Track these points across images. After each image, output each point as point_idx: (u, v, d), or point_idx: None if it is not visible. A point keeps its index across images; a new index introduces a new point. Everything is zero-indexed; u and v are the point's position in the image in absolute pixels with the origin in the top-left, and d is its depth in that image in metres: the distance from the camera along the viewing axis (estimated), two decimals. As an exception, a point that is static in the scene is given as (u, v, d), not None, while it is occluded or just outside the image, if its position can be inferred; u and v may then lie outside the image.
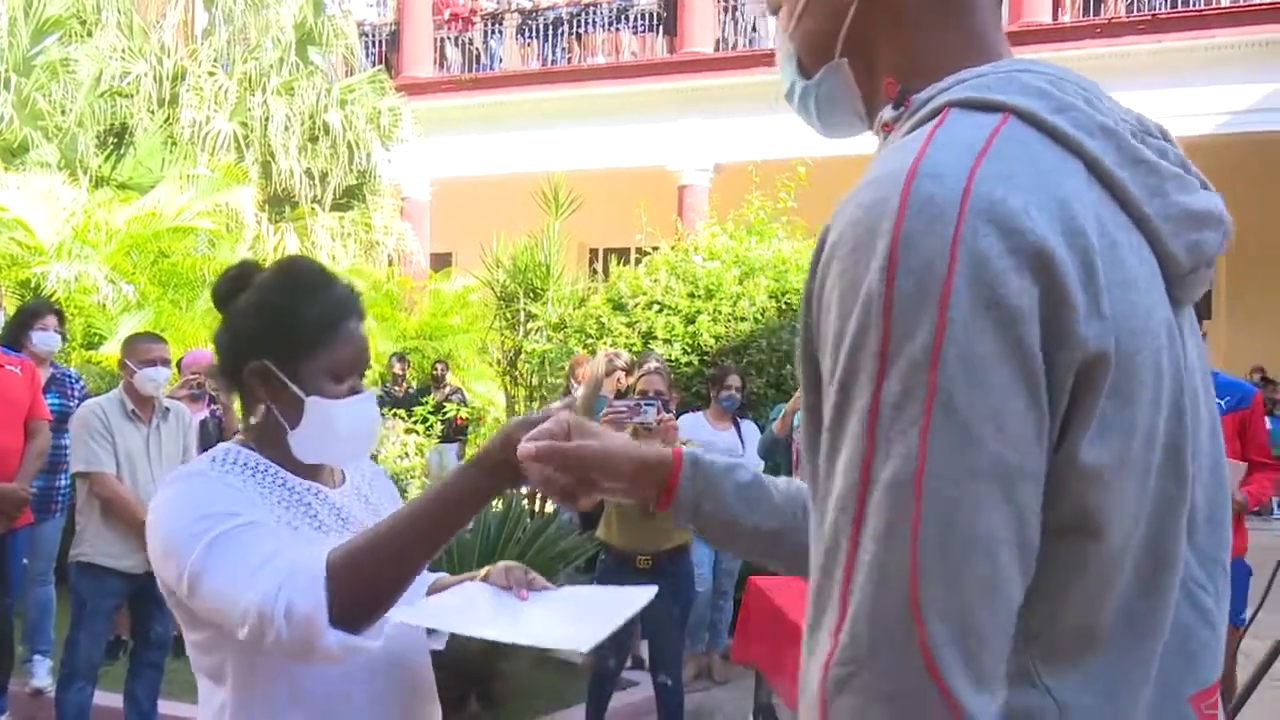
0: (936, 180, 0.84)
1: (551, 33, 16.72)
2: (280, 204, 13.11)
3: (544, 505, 7.16)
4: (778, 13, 1.11)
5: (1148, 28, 13.60)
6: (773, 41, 14.23)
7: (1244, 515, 4.71)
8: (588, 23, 16.54)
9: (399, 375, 11.29)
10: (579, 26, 16.58)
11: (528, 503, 6.48)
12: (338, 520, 1.61)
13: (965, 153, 0.85)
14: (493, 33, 17.19)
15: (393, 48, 17.44)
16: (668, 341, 7.40)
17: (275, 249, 12.20)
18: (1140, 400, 0.87)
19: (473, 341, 12.34)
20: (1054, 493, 0.85)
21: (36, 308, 5.83)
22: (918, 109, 0.95)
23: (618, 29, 16.36)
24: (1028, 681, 0.87)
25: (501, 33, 17.10)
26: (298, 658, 1.39)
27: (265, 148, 12.73)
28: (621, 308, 7.90)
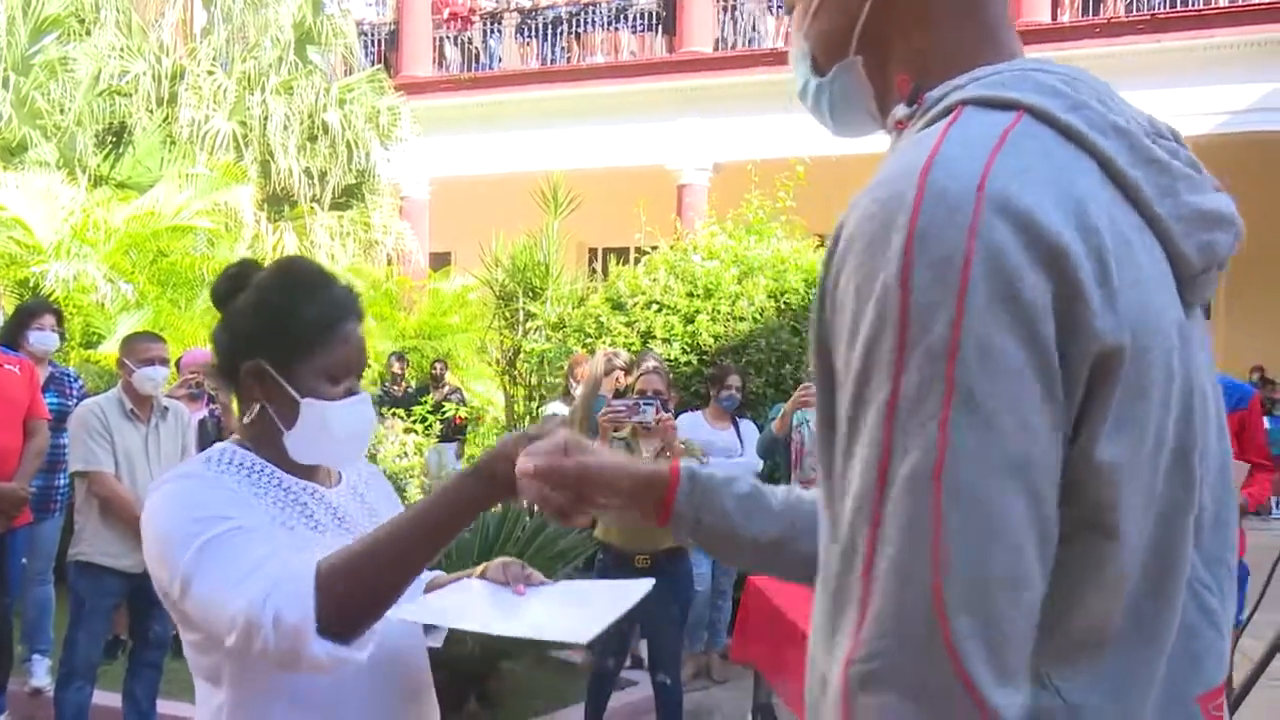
0: (952, 175, 0.83)
1: (550, 32, 16.71)
2: (279, 203, 13.11)
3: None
4: (792, 11, 1.10)
5: (1147, 27, 13.60)
6: (781, 41, 14.23)
7: (1243, 515, 4.72)
8: (587, 22, 16.54)
9: (398, 375, 11.30)
10: (578, 26, 16.58)
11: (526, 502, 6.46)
12: (334, 520, 1.61)
13: (980, 148, 0.85)
14: (492, 32, 17.18)
15: (392, 47, 17.44)
16: (666, 341, 7.39)
17: (274, 248, 12.20)
18: (1151, 399, 0.86)
19: (471, 341, 12.33)
20: (1069, 490, 0.84)
21: (34, 307, 5.82)
22: (931, 106, 0.95)
23: (617, 28, 16.36)
24: (1038, 682, 0.87)
25: (500, 32, 17.10)
26: (284, 667, 1.38)
27: (264, 147, 12.73)
28: (620, 307, 7.89)
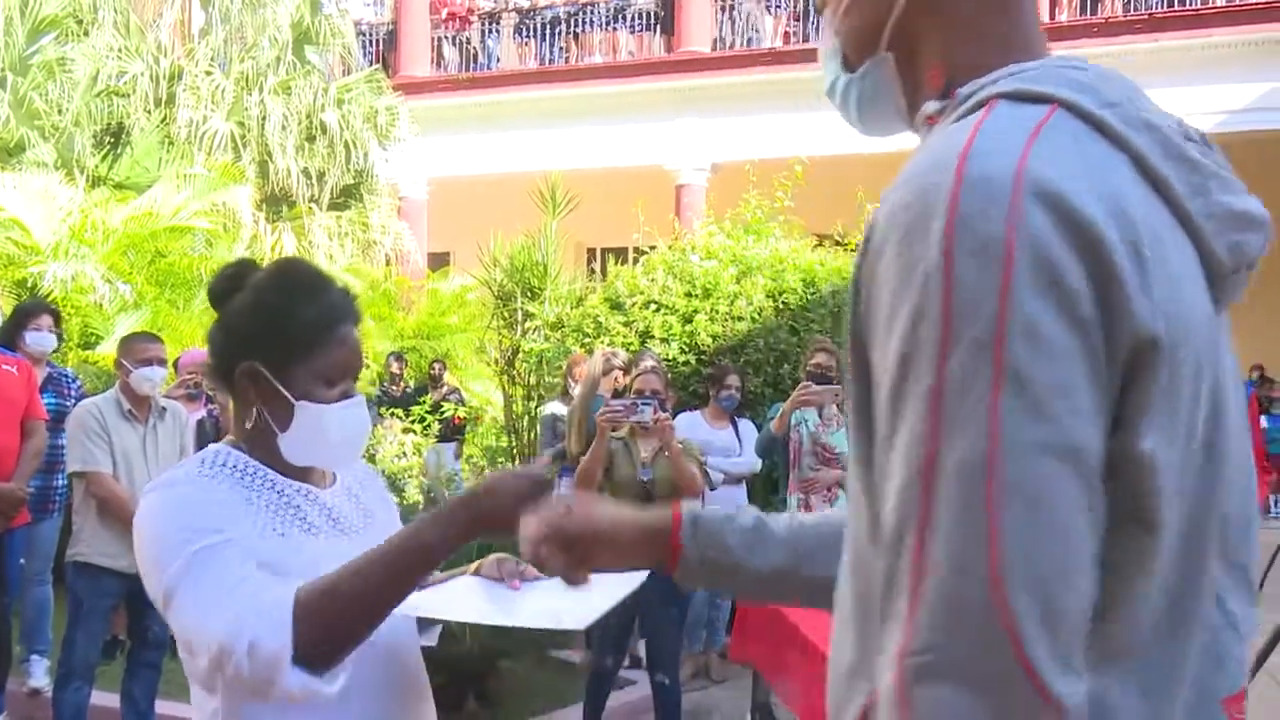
0: (989, 165, 0.84)
1: (549, 32, 16.70)
2: (277, 203, 13.11)
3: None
4: (824, 9, 1.10)
5: (1145, 27, 13.61)
6: (779, 41, 14.20)
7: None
8: (585, 22, 16.53)
9: (396, 375, 11.30)
10: (576, 26, 16.57)
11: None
12: (328, 521, 1.60)
13: (1015, 139, 0.86)
14: (490, 32, 17.17)
15: (390, 47, 17.43)
16: (665, 341, 7.38)
17: (272, 249, 12.20)
18: (1184, 394, 0.86)
19: (470, 341, 12.32)
20: (1111, 482, 0.83)
21: (31, 308, 5.82)
22: (963, 101, 0.95)
23: (615, 28, 16.35)
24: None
25: (499, 32, 17.09)
26: (257, 694, 1.38)
27: (262, 147, 12.73)
28: (619, 307, 7.89)
